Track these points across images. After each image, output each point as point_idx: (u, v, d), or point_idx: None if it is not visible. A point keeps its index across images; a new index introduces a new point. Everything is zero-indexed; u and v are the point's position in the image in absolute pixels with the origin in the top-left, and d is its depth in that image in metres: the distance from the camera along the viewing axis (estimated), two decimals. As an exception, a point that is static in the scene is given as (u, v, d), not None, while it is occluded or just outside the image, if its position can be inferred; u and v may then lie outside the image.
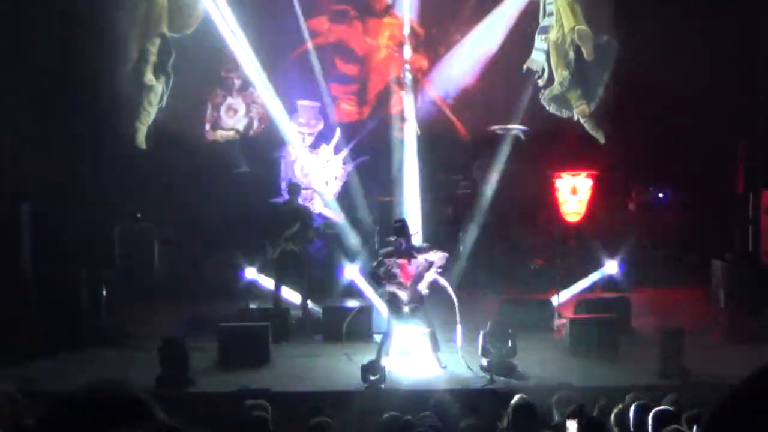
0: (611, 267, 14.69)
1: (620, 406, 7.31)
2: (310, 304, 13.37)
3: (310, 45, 16.22)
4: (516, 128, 16.42)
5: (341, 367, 11.18)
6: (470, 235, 15.49)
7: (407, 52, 16.38)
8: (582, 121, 16.81)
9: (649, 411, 6.68)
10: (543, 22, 16.80)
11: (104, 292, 12.68)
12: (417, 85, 16.42)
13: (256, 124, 16.68)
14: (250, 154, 16.29)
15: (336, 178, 16.23)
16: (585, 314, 12.57)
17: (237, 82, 16.57)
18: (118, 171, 15.26)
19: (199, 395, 10.25)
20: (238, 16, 15.68)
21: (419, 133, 16.03)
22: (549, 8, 16.70)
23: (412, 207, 15.39)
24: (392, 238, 11.33)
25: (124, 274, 13.89)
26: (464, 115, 16.70)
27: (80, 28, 14.72)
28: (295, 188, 13.94)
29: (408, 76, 16.24)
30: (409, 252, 11.12)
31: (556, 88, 16.79)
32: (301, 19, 16.07)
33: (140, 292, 14.19)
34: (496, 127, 16.47)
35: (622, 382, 10.14)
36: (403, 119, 16.11)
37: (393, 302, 11.18)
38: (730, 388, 2.27)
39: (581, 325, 11.91)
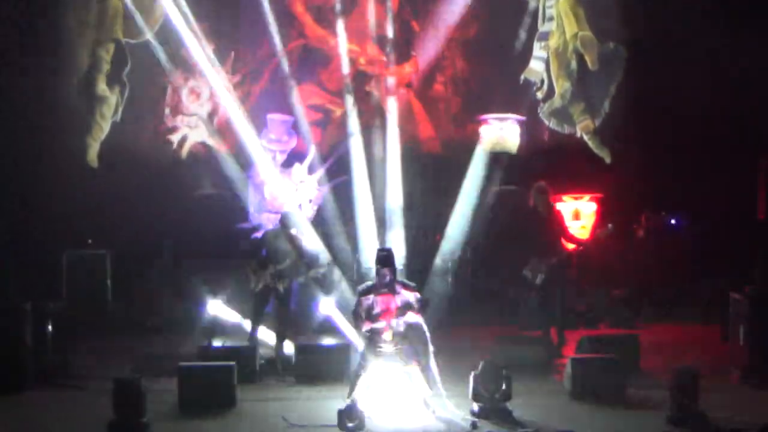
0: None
1: None
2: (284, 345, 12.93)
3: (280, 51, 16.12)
4: (511, 117, 16.23)
5: (316, 411, 10.59)
6: (460, 265, 15.36)
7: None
8: (586, 137, 16.57)
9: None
10: (542, 28, 16.57)
11: (51, 327, 12.15)
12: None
13: (221, 109, 16.27)
14: (214, 173, 16.03)
15: (310, 201, 15.80)
16: (588, 353, 12.04)
17: None
18: (67, 192, 15.11)
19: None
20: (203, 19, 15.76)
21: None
22: (549, 12, 16.51)
23: (396, 234, 15.27)
24: (376, 268, 10.78)
25: (74, 307, 13.53)
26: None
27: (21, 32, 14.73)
28: (287, 220, 13.41)
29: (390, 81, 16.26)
30: (393, 285, 10.56)
31: (556, 100, 16.59)
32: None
33: (91, 326, 13.87)
34: (489, 116, 16.24)
35: (630, 430, 9.98)
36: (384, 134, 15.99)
37: (373, 340, 10.60)
38: None
39: (584, 365, 11.35)
